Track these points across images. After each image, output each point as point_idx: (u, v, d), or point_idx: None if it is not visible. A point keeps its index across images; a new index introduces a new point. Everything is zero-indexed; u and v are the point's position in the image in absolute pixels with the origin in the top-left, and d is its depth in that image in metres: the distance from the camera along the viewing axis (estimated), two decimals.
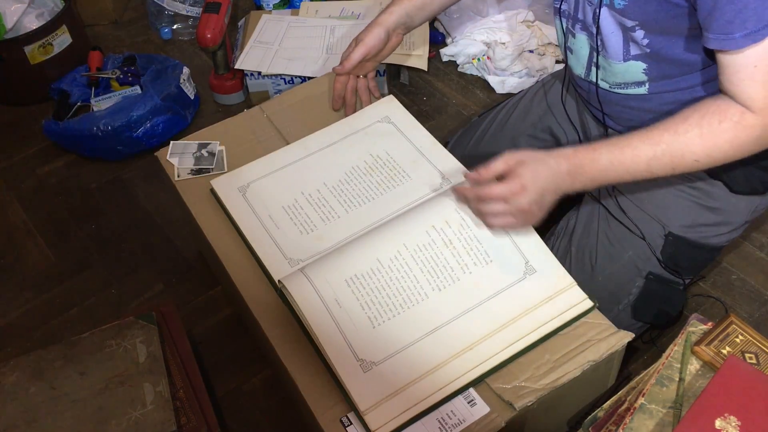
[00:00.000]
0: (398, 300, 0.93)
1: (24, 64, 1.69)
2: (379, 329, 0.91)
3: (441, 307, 0.93)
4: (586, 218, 1.14)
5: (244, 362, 1.24)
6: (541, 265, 0.97)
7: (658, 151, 0.87)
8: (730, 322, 0.86)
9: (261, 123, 1.26)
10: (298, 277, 0.95)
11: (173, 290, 1.37)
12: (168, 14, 1.94)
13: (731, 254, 1.35)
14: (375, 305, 0.93)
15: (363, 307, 0.92)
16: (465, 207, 0.99)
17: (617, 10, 0.92)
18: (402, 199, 1.07)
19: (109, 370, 0.97)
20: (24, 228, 1.51)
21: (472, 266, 0.96)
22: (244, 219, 1.07)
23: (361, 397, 0.86)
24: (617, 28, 0.95)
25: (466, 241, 0.97)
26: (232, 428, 1.17)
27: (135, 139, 1.58)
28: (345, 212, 1.06)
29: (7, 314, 1.35)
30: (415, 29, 1.77)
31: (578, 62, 1.06)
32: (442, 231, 0.98)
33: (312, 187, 1.10)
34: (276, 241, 1.04)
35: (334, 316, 0.92)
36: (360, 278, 0.94)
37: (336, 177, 1.10)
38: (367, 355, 0.89)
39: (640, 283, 1.07)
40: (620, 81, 1.01)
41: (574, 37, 1.04)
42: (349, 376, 0.87)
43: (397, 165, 1.11)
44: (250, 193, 1.09)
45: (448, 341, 0.90)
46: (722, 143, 0.85)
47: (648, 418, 0.79)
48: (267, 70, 1.65)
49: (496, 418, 0.86)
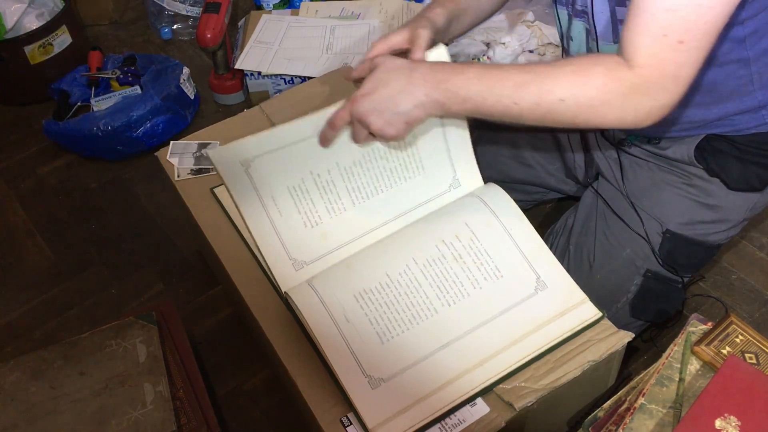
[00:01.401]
0: (407, 315, 0.92)
1: (24, 64, 1.69)
2: (387, 345, 0.90)
3: (451, 322, 0.92)
4: (584, 217, 1.14)
5: (244, 362, 1.24)
6: (552, 280, 0.96)
7: (527, 78, 0.82)
8: (730, 322, 0.86)
9: (261, 123, 1.26)
10: (306, 290, 0.94)
11: (173, 290, 1.37)
12: (168, 14, 1.94)
13: (731, 254, 1.35)
14: (384, 320, 0.91)
15: (372, 323, 0.91)
16: (474, 219, 0.98)
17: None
18: (410, 196, 1.04)
19: (109, 370, 0.97)
20: (24, 228, 1.51)
21: (483, 281, 0.95)
22: (245, 199, 0.98)
23: (369, 414, 0.85)
24: (605, 6, 0.92)
25: (476, 256, 0.96)
26: (232, 428, 1.17)
27: (135, 139, 1.58)
28: (352, 204, 1.02)
29: (7, 314, 1.35)
30: None
31: (579, 50, 1.04)
32: (452, 245, 0.97)
33: (322, 167, 1.01)
34: (279, 233, 0.99)
35: (342, 331, 0.90)
36: (369, 293, 0.93)
37: (350, 158, 1.01)
38: (376, 372, 0.87)
39: (638, 281, 1.07)
40: None
41: (571, 23, 1.02)
42: (357, 392, 0.86)
43: (416, 152, 1.04)
44: (254, 169, 1.00)
45: (458, 357, 0.89)
46: (590, 88, 0.80)
47: (648, 418, 0.79)
48: (267, 70, 1.65)
49: (496, 418, 0.86)
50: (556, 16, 1.06)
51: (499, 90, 0.83)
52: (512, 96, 0.82)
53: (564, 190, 1.28)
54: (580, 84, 0.80)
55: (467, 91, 0.84)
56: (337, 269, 0.97)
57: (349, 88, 1.32)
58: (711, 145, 1.01)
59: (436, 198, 1.06)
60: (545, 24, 1.76)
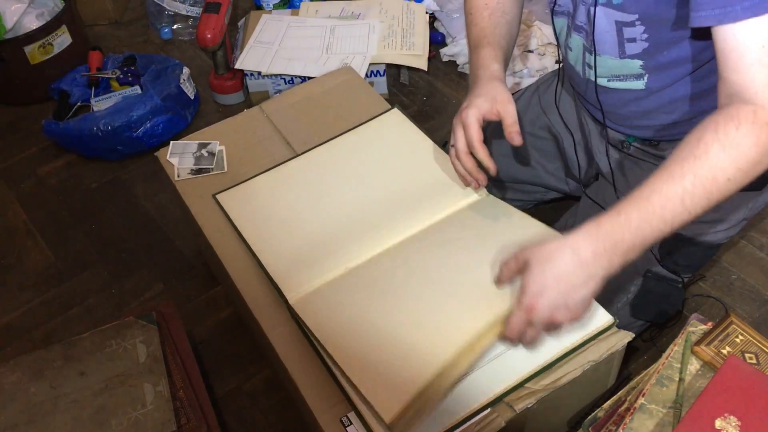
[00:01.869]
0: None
1: (24, 64, 1.69)
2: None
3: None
4: (583, 218, 1.14)
5: (244, 362, 1.24)
6: None
7: (687, 184, 0.76)
8: (730, 322, 0.86)
9: (261, 123, 1.26)
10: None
11: (173, 290, 1.37)
12: (168, 14, 1.94)
13: (731, 254, 1.35)
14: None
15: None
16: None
17: (615, 6, 0.90)
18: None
19: (109, 370, 0.97)
20: (24, 228, 1.51)
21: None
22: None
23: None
24: (612, 26, 0.93)
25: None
26: (232, 428, 1.17)
27: (135, 139, 1.58)
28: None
29: (7, 314, 1.35)
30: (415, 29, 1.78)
31: (577, 60, 1.05)
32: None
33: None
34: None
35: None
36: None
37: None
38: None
39: (638, 281, 1.07)
40: (617, 74, 0.99)
41: (570, 37, 1.02)
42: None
43: None
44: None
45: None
46: (747, 149, 0.75)
47: (648, 418, 0.79)
48: (267, 70, 1.65)
49: (497, 418, 0.86)
50: (553, 25, 1.05)
51: (669, 216, 0.77)
52: (683, 213, 0.77)
53: (564, 189, 1.28)
54: (735, 155, 0.75)
55: (642, 240, 0.78)
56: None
57: (349, 89, 1.32)
58: None
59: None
60: (545, 24, 1.76)
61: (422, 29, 1.73)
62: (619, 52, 0.95)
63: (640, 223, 0.76)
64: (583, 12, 0.96)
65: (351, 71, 1.37)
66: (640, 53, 0.94)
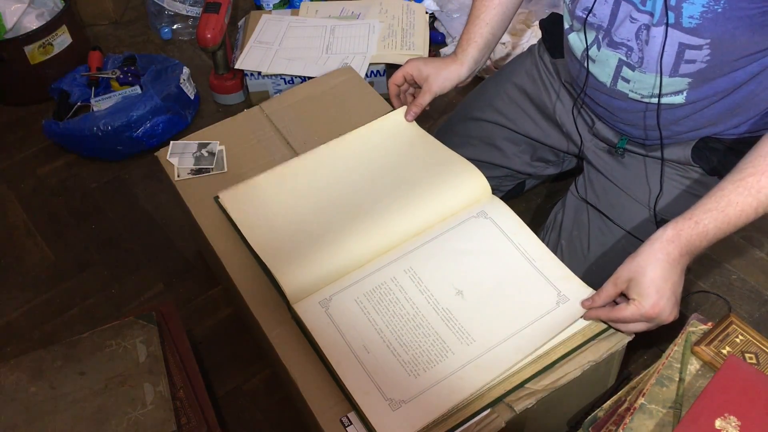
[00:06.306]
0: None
1: (24, 64, 1.69)
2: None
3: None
4: (573, 212, 1.14)
5: (244, 362, 1.24)
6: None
7: (762, 198, 0.81)
8: (730, 322, 0.86)
9: (261, 123, 1.26)
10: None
11: (173, 290, 1.37)
12: (168, 14, 1.94)
13: (731, 254, 1.35)
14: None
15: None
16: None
17: (686, 30, 0.87)
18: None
19: (109, 370, 0.97)
20: (24, 228, 1.51)
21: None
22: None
23: None
24: (673, 48, 0.90)
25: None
26: (232, 428, 1.17)
27: (135, 139, 1.58)
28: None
29: (7, 314, 1.35)
30: (415, 29, 1.78)
31: (603, 72, 1.01)
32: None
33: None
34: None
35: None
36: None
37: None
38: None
39: None
40: (657, 92, 0.97)
41: (599, 50, 0.99)
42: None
43: None
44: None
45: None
46: None
47: (648, 418, 0.79)
48: (267, 70, 1.65)
49: (497, 418, 0.86)
50: (576, 35, 1.03)
51: (742, 224, 0.84)
52: (755, 218, 0.84)
53: (535, 173, 1.29)
54: None
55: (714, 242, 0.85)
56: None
57: (349, 89, 1.32)
58: (707, 146, 1.01)
59: None
60: None
61: (422, 29, 1.73)
62: (671, 72, 0.93)
63: (716, 233, 0.84)
64: (630, 30, 0.93)
65: (351, 71, 1.37)
66: (693, 72, 0.92)
